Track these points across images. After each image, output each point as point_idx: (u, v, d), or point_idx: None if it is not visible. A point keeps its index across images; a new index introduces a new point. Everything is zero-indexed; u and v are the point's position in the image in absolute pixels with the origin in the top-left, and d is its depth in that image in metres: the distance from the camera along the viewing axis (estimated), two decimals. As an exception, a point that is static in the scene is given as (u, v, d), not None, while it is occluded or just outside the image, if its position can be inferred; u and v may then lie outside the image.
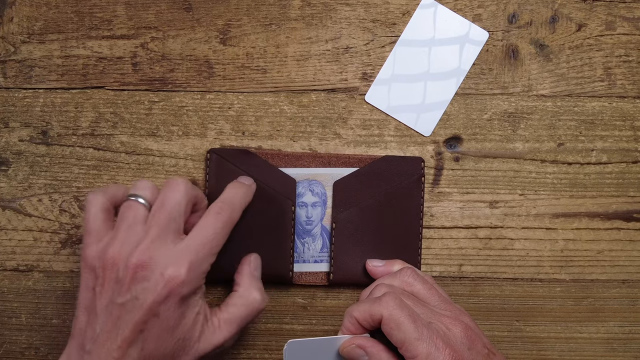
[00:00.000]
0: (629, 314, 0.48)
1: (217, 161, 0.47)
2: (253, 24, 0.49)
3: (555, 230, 0.48)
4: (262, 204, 0.46)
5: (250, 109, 0.49)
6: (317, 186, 0.48)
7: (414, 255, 0.47)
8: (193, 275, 0.38)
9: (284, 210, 0.47)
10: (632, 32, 0.49)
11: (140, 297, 0.37)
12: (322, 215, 0.48)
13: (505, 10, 0.49)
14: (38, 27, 0.49)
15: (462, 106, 0.49)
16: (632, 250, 0.48)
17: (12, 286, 0.48)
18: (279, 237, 0.47)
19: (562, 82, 0.49)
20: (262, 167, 0.47)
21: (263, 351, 0.48)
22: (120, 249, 0.39)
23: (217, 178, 0.47)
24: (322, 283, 0.48)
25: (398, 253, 0.47)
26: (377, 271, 0.46)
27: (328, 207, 0.48)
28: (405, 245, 0.47)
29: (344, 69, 0.49)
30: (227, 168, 0.47)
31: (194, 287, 0.39)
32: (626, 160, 0.49)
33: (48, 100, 0.49)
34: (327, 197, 0.48)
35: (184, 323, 0.39)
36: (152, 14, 0.49)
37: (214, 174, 0.47)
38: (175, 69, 0.49)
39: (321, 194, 0.48)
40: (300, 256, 0.48)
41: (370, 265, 0.46)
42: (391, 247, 0.47)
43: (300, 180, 0.48)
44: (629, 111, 0.49)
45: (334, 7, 0.49)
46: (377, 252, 0.47)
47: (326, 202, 0.48)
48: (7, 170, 0.49)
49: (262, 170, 0.47)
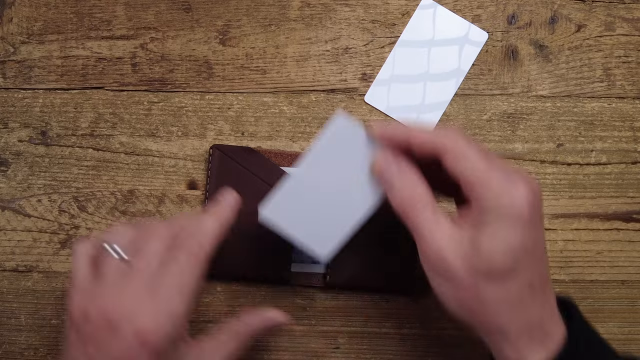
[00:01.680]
0: (628, 314, 0.48)
1: (220, 158, 0.47)
2: (252, 25, 0.49)
3: (554, 230, 0.48)
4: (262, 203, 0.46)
5: (250, 109, 0.49)
6: None
7: (413, 259, 0.47)
8: (167, 327, 0.36)
9: None
10: (631, 33, 0.49)
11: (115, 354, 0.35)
12: None
13: (504, 11, 0.49)
14: (37, 27, 0.49)
15: (461, 107, 0.49)
16: (632, 250, 0.48)
17: (11, 287, 0.48)
18: (278, 236, 0.47)
19: (562, 83, 0.49)
20: (265, 166, 0.47)
21: (262, 351, 0.48)
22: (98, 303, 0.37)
23: (218, 175, 0.47)
24: (318, 284, 0.47)
25: (397, 257, 0.47)
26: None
27: None
28: (405, 249, 0.47)
29: (344, 70, 0.49)
30: (229, 165, 0.47)
31: (170, 338, 0.36)
32: (625, 161, 0.49)
33: (47, 100, 0.49)
34: None
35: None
36: (152, 15, 0.49)
37: (215, 170, 0.47)
38: (174, 69, 0.49)
39: None
40: (298, 256, 0.47)
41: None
42: (392, 249, 0.46)
43: None
44: (629, 112, 0.49)
45: (334, 8, 0.49)
46: (376, 255, 0.47)
47: None
48: (7, 170, 0.49)
49: (265, 168, 0.47)
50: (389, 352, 0.48)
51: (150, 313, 0.36)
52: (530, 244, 0.35)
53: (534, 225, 0.35)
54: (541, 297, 0.36)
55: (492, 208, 0.34)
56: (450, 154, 0.35)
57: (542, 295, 0.36)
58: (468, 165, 0.35)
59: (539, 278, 0.36)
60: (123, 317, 0.36)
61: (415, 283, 0.46)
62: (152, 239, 0.38)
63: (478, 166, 0.35)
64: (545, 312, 0.36)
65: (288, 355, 0.48)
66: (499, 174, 0.35)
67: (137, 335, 0.35)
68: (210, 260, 0.39)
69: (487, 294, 0.35)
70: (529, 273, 0.35)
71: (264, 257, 0.46)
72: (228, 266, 0.46)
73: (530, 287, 0.35)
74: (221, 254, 0.46)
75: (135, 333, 0.35)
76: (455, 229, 0.36)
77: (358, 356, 0.48)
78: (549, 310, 0.36)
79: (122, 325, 0.36)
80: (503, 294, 0.35)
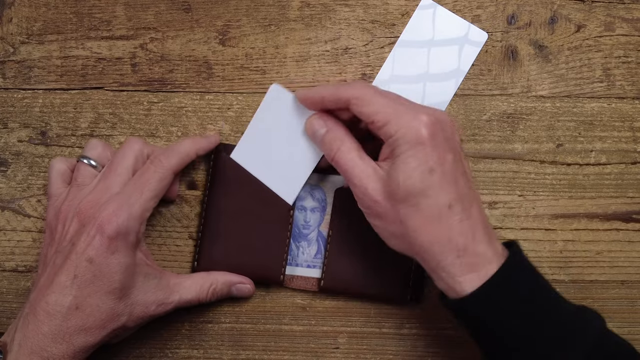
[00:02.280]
0: (628, 314, 0.48)
1: (224, 158, 0.47)
2: (252, 25, 0.49)
3: (554, 231, 0.48)
4: (261, 204, 0.46)
5: (250, 109, 0.49)
6: (318, 191, 0.48)
7: (409, 265, 0.46)
8: (122, 218, 0.40)
9: (282, 212, 0.46)
10: (631, 33, 0.49)
11: (75, 241, 0.40)
12: (320, 221, 0.48)
13: (504, 11, 0.49)
14: (37, 27, 0.49)
15: (461, 107, 0.49)
16: (631, 251, 0.48)
17: (11, 287, 0.48)
18: (275, 238, 0.46)
19: (561, 83, 0.49)
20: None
21: (262, 352, 0.48)
22: (70, 203, 0.42)
23: (220, 175, 0.46)
24: (312, 289, 0.47)
25: (393, 264, 0.46)
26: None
27: (327, 214, 0.48)
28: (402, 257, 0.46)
29: (343, 70, 0.49)
30: (233, 165, 0.47)
31: (124, 230, 0.40)
32: (625, 161, 0.49)
33: (47, 100, 0.49)
34: (327, 203, 0.48)
35: (116, 272, 0.40)
36: (151, 15, 0.49)
37: (218, 170, 0.46)
38: (174, 69, 0.49)
39: (321, 199, 0.48)
40: (294, 259, 0.47)
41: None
42: (388, 259, 0.45)
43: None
44: (628, 112, 0.49)
45: (333, 8, 0.49)
46: (371, 262, 0.46)
47: (325, 208, 0.48)
48: (6, 170, 0.49)
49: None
50: (389, 352, 0.48)
51: (112, 207, 0.40)
52: (435, 165, 0.38)
53: (435, 147, 0.38)
54: (467, 221, 0.38)
55: (398, 141, 0.38)
56: (357, 101, 0.39)
57: (467, 219, 0.38)
58: (373, 108, 0.39)
59: (458, 200, 0.38)
60: (90, 213, 0.40)
61: (410, 292, 0.46)
62: (123, 150, 0.43)
63: (383, 109, 0.39)
64: (474, 236, 0.38)
65: (288, 356, 0.48)
66: (403, 110, 0.39)
67: (96, 223, 0.39)
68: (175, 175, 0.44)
69: (407, 218, 0.38)
70: (443, 194, 0.38)
71: (258, 261, 0.46)
72: (222, 263, 0.46)
73: (449, 208, 0.37)
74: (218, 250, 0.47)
75: (95, 221, 0.39)
76: (377, 168, 0.40)
77: (358, 356, 0.48)
78: (479, 237, 0.38)
79: (87, 219, 0.40)
80: (420, 214, 0.38)
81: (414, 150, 0.38)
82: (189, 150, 0.45)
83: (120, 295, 0.40)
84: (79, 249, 0.39)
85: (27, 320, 0.39)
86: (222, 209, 0.46)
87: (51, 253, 0.42)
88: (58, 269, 0.39)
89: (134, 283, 0.41)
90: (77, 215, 0.41)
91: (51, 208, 0.43)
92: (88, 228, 0.40)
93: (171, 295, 0.43)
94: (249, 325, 0.48)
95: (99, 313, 0.39)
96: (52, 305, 0.38)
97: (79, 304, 0.39)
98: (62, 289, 0.39)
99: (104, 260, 0.39)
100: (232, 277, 0.46)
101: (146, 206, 0.42)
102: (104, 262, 0.39)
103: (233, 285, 0.46)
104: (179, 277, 0.44)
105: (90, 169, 0.44)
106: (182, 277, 0.44)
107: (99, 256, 0.39)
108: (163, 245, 0.48)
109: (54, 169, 0.45)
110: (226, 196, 0.46)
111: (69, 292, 0.39)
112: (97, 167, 0.44)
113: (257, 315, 0.48)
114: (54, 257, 0.41)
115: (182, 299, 0.43)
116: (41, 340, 0.38)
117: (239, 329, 0.48)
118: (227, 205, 0.46)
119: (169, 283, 0.43)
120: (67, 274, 0.39)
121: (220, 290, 0.45)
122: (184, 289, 0.44)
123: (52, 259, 0.41)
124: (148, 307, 0.42)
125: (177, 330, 0.48)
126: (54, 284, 0.39)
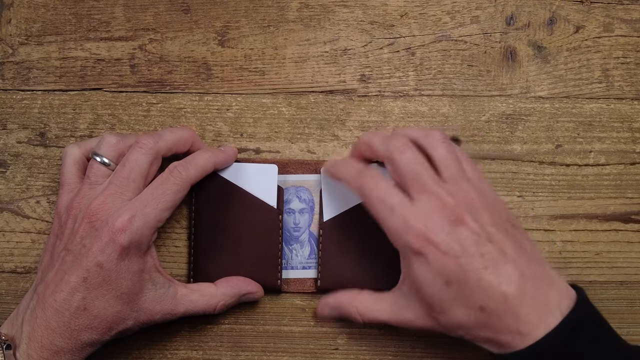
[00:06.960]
0: (627, 315, 0.48)
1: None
2: (251, 26, 0.49)
3: (553, 231, 0.48)
4: (249, 212, 0.46)
5: (249, 110, 0.49)
6: (304, 193, 0.48)
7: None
8: (136, 227, 0.40)
9: (271, 218, 0.46)
10: (629, 34, 0.49)
11: (87, 244, 0.40)
12: (310, 222, 0.48)
13: (503, 12, 0.49)
14: (36, 29, 0.49)
15: (460, 108, 0.49)
16: (630, 251, 0.48)
17: (10, 288, 0.48)
18: (267, 245, 0.46)
19: (560, 84, 0.49)
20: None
21: (261, 353, 0.48)
22: (81, 201, 0.42)
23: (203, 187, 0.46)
24: (309, 290, 0.47)
25: (387, 258, 0.45)
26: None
27: (315, 214, 0.47)
28: (396, 250, 0.46)
29: (342, 71, 0.49)
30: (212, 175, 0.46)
31: (137, 239, 0.40)
32: (624, 161, 0.49)
33: (46, 102, 0.49)
34: (315, 203, 0.48)
35: (125, 277, 0.40)
36: (150, 16, 0.49)
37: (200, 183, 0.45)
38: (173, 70, 0.49)
39: (308, 200, 0.48)
40: (289, 263, 0.47)
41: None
42: (381, 251, 0.45)
43: (287, 187, 0.47)
44: (627, 113, 0.49)
45: (332, 9, 0.49)
46: (366, 257, 0.46)
47: (313, 208, 0.48)
48: (5, 172, 0.49)
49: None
50: (389, 352, 0.48)
51: (127, 215, 0.40)
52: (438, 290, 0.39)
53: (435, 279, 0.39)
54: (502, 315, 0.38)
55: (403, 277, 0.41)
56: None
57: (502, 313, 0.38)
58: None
59: (491, 302, 0.38)
60: (103, 217, 0.40)
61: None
62: (137, 152, 0.42)
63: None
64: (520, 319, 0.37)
65: (287, 357, 0.48)
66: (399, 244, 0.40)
67: (109, 229, 0.40)
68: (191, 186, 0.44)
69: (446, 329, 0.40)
70: (467, 302, 0.38)
71: (253, 269, 0.46)
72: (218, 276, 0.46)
73: (481, 310, 0.38)
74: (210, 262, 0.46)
75: (108, 227, 0.40)
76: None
77: (357, 357, 0.48)
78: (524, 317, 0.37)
79: (100, 224, 0.40)
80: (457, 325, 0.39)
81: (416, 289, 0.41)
82: (207, 164, 0.44)
83: (127, 300, 0.40)
84: (90, 254, 0.39)
85: (35, 314, 0.40)
86: (211, 222, 0.46)
87: (59, 248, 0.42)
88: (68, 268, 0.40)
89: (142, 289, 0.41)
90: (87, 217, 0.41)
91: (63, 197, 0.43)
92: (101, 233, 0.40)
93: (177, 307, 0.43)
94: (248, 326, 0.48)
95: (106, 315, 0.40)
96: (60, 303, 0.39)
97: (87, 305, 0.39)
98: (71, 289, 0.39)
99: (114, 266, 0.40)
100: (241, 288, 0.46)
101: (161, 217, 0.42)
102: (114, 268, 0.40)
103: (243, 296, 0.46)
104: (187, 288, 0.44)
105: (103, 168, 0.43)
106: (190, 289, 0.44)
107: (109, 262, 0.39)
108: (162, 246, 0.48)
109: (68, 156, 0.44)
110: (212, 208, 0.46)
111: (78, 294, 0.39)
112: (110, 166, 0.43)
113: (256, 316, 0.48)
114: (62, 254, 0.41)
115: (189, 312, 0.43)
116: (50, 334, 0.39)
117: (238, 330, 0.48)
118: (216, 218, 0.46)
119: (177, 294, 0.43)
120: (77, 275, 0.39)
121: (230, 305, 0.45)
122: (190, 303, 0.43)
123: (60, 255, 0.41)
124: (153, 316, 0.42)
125: (176, 331, 0.48)
126: (64, 282, 0.39)
